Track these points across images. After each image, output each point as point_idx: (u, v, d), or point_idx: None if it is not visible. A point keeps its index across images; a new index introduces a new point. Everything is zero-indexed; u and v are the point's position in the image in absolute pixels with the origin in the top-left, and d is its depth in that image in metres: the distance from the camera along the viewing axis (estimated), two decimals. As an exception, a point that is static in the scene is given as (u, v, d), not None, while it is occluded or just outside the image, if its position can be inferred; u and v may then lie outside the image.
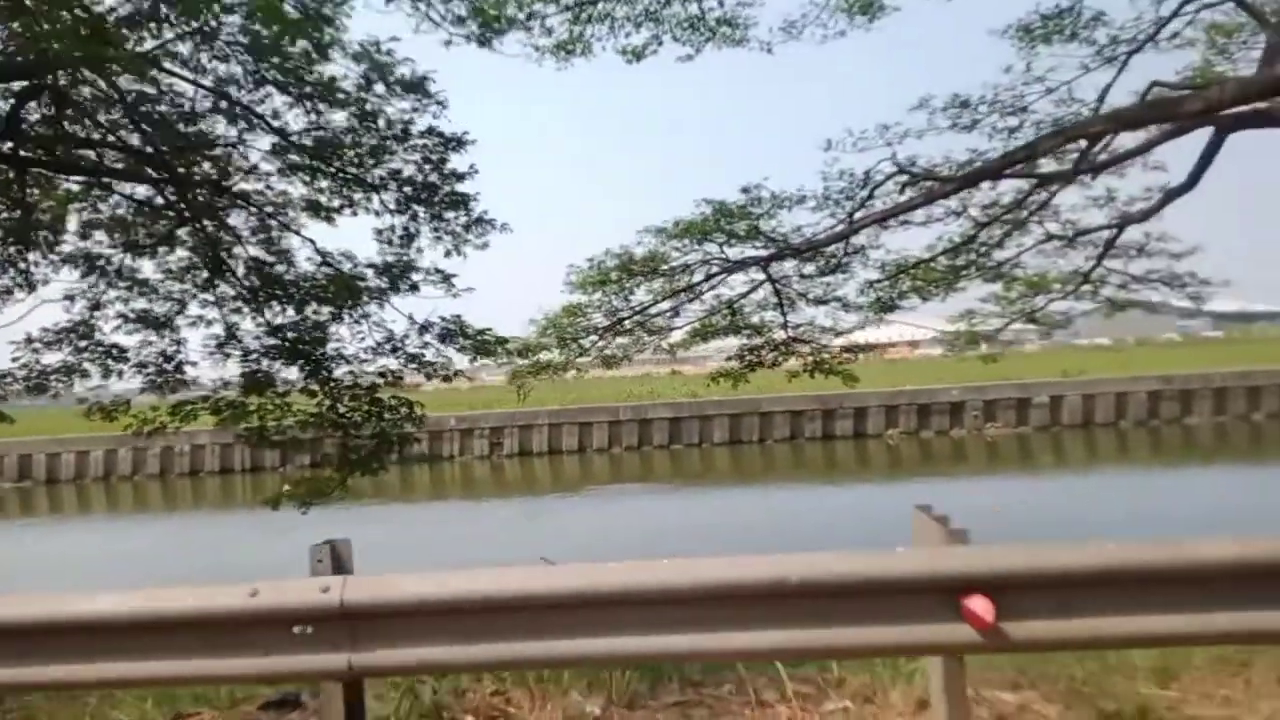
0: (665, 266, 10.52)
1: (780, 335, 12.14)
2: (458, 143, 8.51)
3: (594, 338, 11.40)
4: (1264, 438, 29.25)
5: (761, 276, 11.18)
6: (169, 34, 7.43)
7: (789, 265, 11.52)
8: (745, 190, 9.97)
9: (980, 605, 2.65)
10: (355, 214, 9.23)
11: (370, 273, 8.48)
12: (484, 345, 8.51)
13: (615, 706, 3.76)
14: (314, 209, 9.17)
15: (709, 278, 10.48)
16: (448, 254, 9.22)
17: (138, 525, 25.67)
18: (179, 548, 20.12)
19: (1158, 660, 3.83)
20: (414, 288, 8.37)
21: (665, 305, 11.31)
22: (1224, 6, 9.62)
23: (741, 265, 10.29)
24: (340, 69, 8.09)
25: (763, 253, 10.14)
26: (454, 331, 8.42)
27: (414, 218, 9.04)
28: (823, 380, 14.36)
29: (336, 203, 9.12)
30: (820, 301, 12.10)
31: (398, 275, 8.35)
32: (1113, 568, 2.67)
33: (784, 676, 3.78)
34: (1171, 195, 8.92)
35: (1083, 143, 9.57)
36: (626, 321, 11.56)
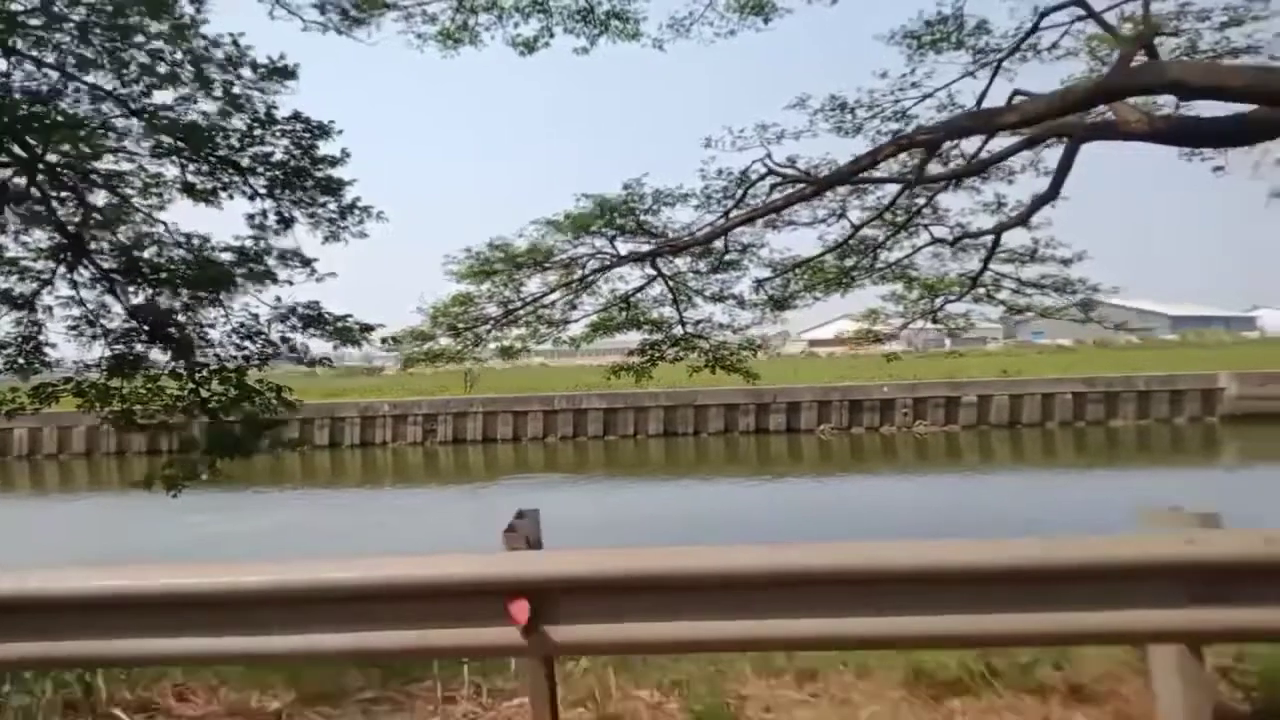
0: (553, 259, 10.53)
1: (681, 330, 12.25)
2: (323, 130, 8.46)
3: (487, 327, 11.40)
4: (1183, 441, 30.00)
5: (653, 272, 11.28)
6: (16, 6, 7.30)
7: (682, 262, 11.64)
8: (627, 186, 10.00)
9: (518, 608, 2.72)
10: (231, 197, 9.18)
11: (227, 257, 8.38)
12: (345, 332, 8.48)
13: (303, 702, 3.77)
14: (189, 191, 9.10)
15: (595, 271, 10.51)
16: (325, 240, 9.25)
17: (62, 503, 25.38)
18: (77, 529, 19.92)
19: (805, 662, 3.93)
20: (266, 273, 8.30)
21: (556, 297, 11.34)
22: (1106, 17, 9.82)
23: (626, 260, 10.34)
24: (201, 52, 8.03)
25: (645, 247, 10.18)
26: (313, 318, 8.38)
27: (290, 202, 9.00)
28: (775, 374, 14.68)
29: (211, 185, 9.05)
30: (717, 298, 12.23)
31: (251, 260, 8.27)
32: (659, 574, 2.74)
33: (466, 675, 3.84)
34: (1038, 203, 9.10)
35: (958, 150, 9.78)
36: (521, 313, 11.58)
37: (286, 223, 9.01)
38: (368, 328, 8.74)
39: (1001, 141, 9.85)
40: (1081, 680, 3.65)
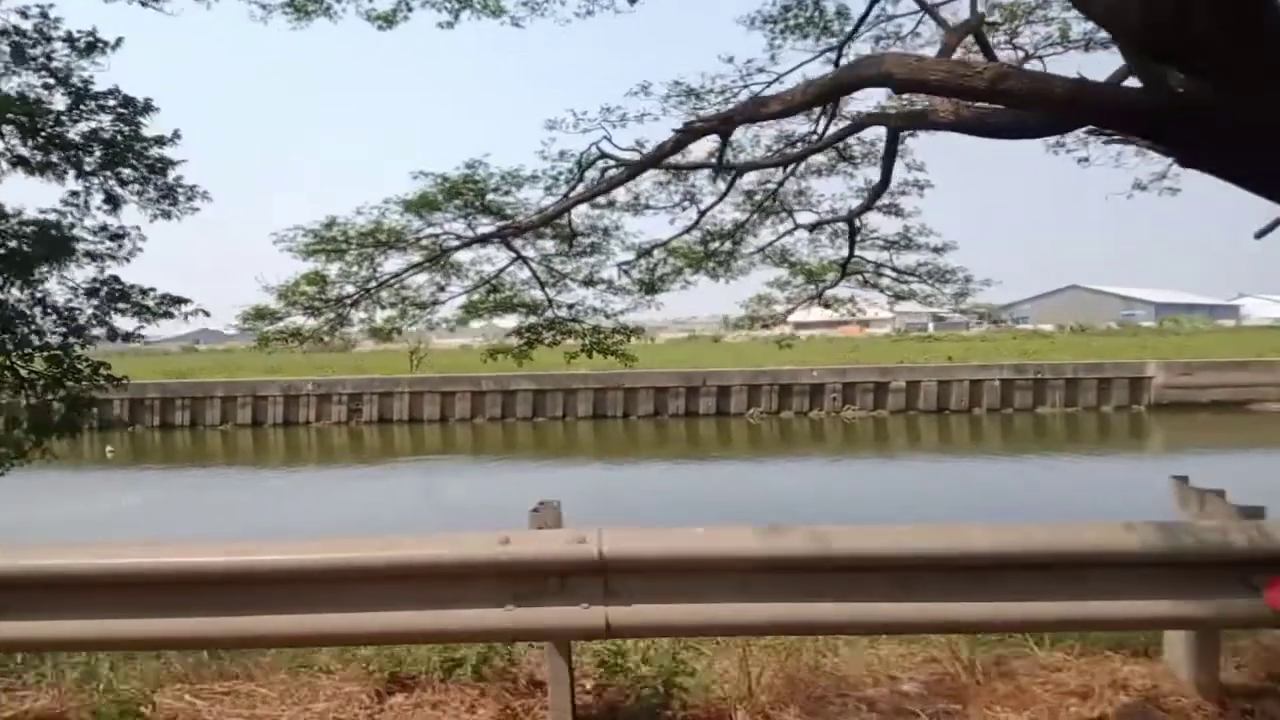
0: (401, 240, 10.32)
1: (553, 314, 12.13)
2: (146, 107, 8.28)
3: (344, 308, 11.17)
4: (1109, 428, 30.42)
5: (511, 254, 11.13)
6: None
7: (551, 245, 11.51)
8: (470, 165, 9.84)
9: None
10: (66, 173, 8.96)
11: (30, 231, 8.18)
12: (148, 307, 8.32)
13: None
14: (22, 164, 8.88)
15: (444, 252, 10.32)
16: (153, 219, 9.09)
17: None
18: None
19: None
20: (68, 249, 8.10)
21: (415, 278, 11.15)
22: (953, 6, 9.77)
23: (474, 240, 10.16)
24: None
25: (490, 229, 10.03)
26: (118, 294, 8.21)
27: (119, 181, 8.82)
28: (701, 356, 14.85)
29: (40, 160, 8.83)
30: (588, 282, 12.12)
31: (54, 237, 8.07)
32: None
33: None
34: (875, 192, 9.08)
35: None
36: (384, 294, 11.38)
37: (114, 201, 8.83)
38: (177, 300, 8.58)
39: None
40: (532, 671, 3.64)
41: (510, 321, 13.06)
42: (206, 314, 9.78)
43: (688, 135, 7.06)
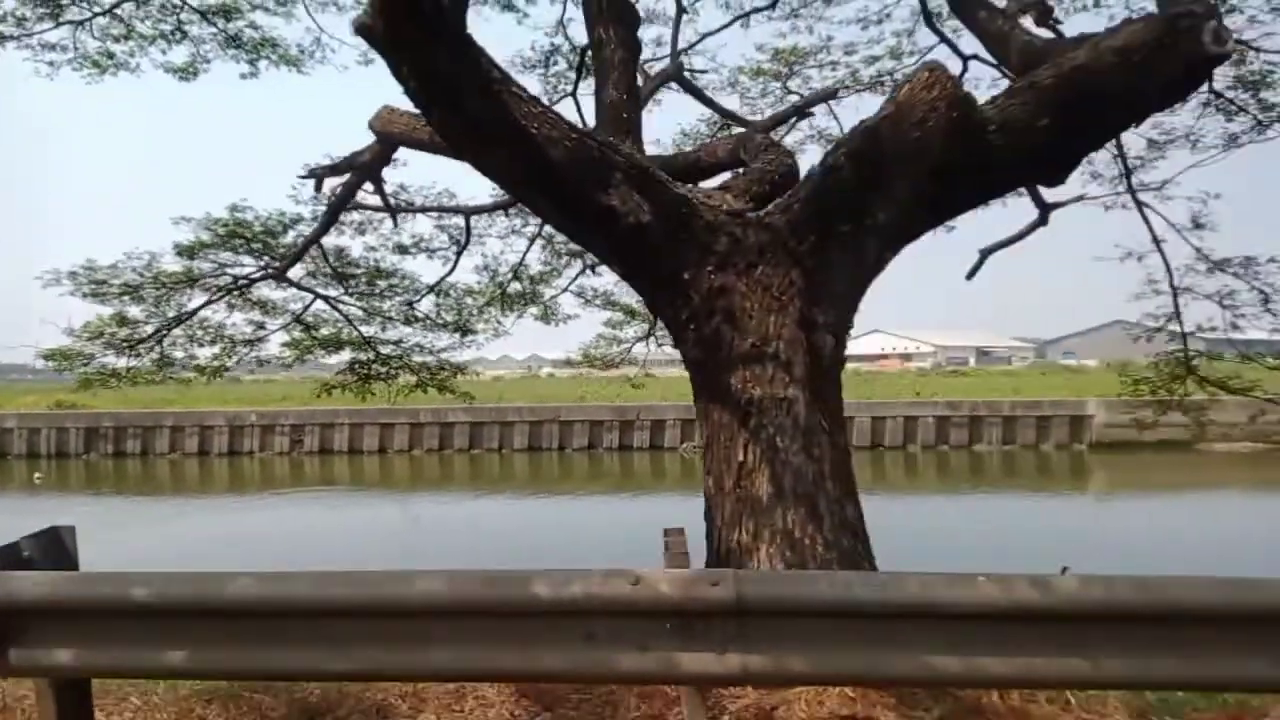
0: (187, 280, 10.76)
1: (382, 350, 12.56)
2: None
3: (150, 344, 11.58)
4: (1025, 468, 30.34)
5: (314, 295, 11.58)
6: None
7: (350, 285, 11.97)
8: (234, 209, 10.33)
9: None
10: None
11: None
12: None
13: None
14: None
15: (223, 291, 10.74)
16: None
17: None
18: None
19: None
20: None
21: (229, 317, 11.59)
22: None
23: (250, 281, 10.61)
24: None
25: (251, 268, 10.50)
26: None
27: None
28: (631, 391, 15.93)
29: None
30: (408, 321, 12.56)
31: None
32: None
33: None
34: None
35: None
36: (202, 332, 11.81)
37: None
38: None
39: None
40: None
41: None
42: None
43: (311, 178, 7.53)
